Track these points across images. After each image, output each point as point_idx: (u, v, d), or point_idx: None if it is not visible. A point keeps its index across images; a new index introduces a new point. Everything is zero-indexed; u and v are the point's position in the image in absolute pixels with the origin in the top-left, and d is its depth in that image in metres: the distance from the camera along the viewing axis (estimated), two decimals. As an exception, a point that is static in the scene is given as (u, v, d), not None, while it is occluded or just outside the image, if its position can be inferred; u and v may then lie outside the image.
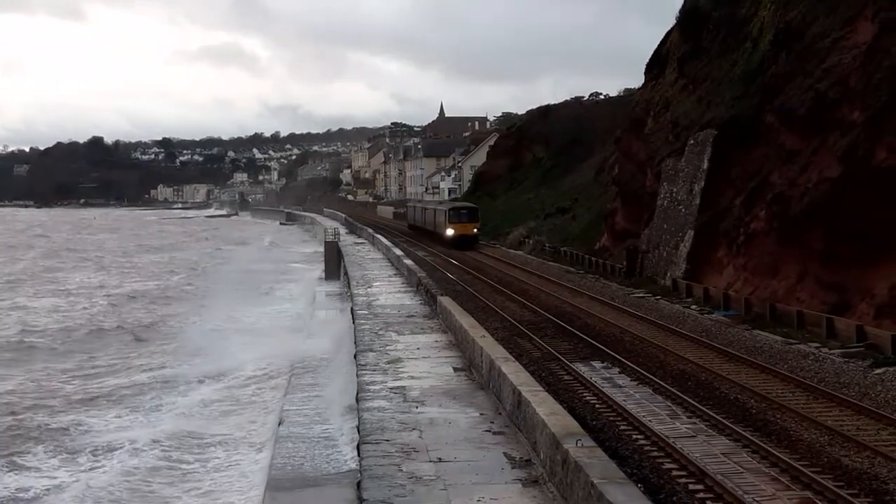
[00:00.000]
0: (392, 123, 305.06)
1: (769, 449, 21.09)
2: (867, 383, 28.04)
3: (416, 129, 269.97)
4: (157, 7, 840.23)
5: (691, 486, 19.07)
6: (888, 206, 35.41)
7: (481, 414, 23.63)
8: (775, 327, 37.42)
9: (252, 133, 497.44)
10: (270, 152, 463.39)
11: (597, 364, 31.87)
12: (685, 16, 61.32)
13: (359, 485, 18.70)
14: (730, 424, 23.27)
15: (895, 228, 35.16)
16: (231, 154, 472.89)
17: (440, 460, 19.57)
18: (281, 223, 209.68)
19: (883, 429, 23.16)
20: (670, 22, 65.44)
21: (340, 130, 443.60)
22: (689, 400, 25.92)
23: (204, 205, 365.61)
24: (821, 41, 42.08)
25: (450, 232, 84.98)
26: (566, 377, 29.94)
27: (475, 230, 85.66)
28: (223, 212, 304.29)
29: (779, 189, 41.86)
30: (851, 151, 36.94)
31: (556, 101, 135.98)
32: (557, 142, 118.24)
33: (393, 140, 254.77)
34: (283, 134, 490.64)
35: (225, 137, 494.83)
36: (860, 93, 37.33)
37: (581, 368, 30.81)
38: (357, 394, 26.58)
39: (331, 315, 51.29)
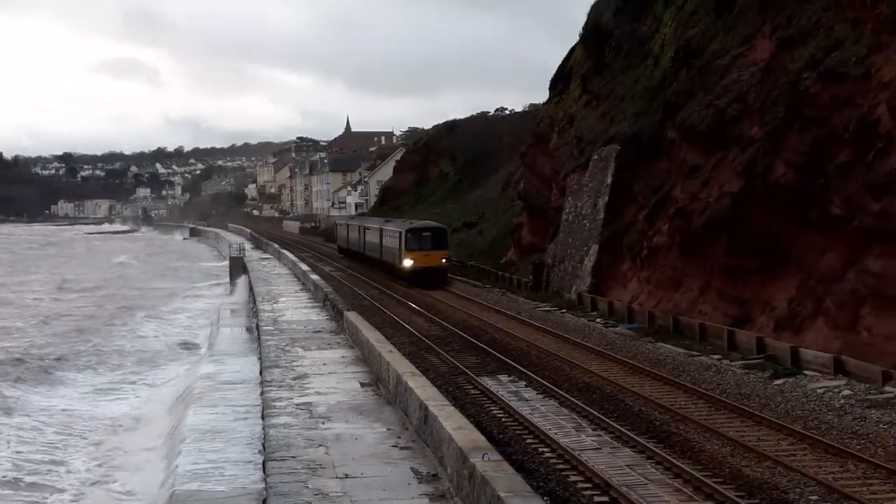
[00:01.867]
0: (298, 138, 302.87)
1: (672, 460, 21.36)
2: (767, 394, 28.55)
3: (321, 143, 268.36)
4: (55, 18, 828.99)
5: (597, 499, 19.25)
6: (787, 220, 36.14)
7: (388, 429, 23.57)
8: (678, 340, 37.94)
9: (155, 148, 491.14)
10: (174, 167, 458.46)
11: (503, 378, 32.03)
12: (588, 32, 62.09)
13: (264, 502, 18.54)
14: (634, 436, 23.52)
15: (794, 242, 35.88)
16: (134, 169, 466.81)
17: (347, 476, 19.47)
18: (185, 238, 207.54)
19: (783, 439, 23.60)
20: (574, 38, 66.26)
21: (245, 145, 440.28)
22: (595, 412, 26.17)
23: (106, 220, 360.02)
24: (720, 58, 42.87)
25: (407, 263, 63.55)
26: (473, 391, 30.06)
27: (443, 260, 63.94)
28: (126, 227, 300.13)
29: (681, 203, 42.50)
30: (751, 166, 37.63)
31: (463, 116, 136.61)
32: (464, 156, 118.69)
33: (299, 155, 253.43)
34: (187, 148, 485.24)
35: (127, 152, 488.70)
36: (758, 109, 38.07)
37: (488, 382, 30.94)
38: (263, 410, 26.36)
39: (235, 332, 50.76)
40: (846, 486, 19.52)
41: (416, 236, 64.07)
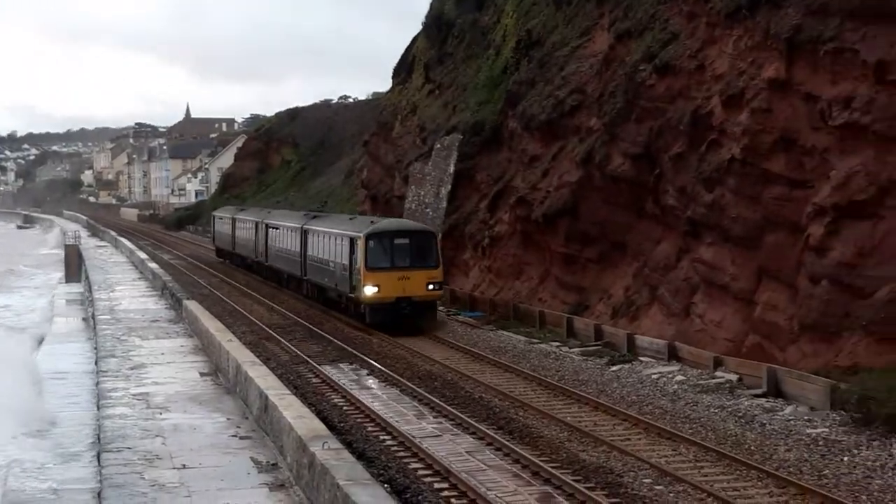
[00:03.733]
0: (136, 124, 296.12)
1: (511, 446, 21.62)
2: (604, 380, 29.13)
3: (161, 129, 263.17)
4: None
5: (437, 485, 19.34)
6: (624, 210, 36.93)
7: (228, 419, 23.31)
8: (519, 327, 38.42)
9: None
10: (7, 152, 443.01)
11: (345, 366, 31.99)
12: (431, 21, 62.27)
13: (99, 494, 18.13)
14: (474, 423, 23.74)
15: (630, 231, 36.70)
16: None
17: (184, 467, 19.18)
18: (19, 226, 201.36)
19: (618, 424, 24.11)
20: (417, 27, 66.38)
21: (82, 130, 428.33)
22: (436, 400, 26.33)
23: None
24: (560, 49, 43.52)
25: (369, 291, 38.73)
26: (314, 380, 29.96)
27: (430, 286, 39.18)
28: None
29: (522, 193, 43.00)
30: (589, 157, 38.30)
31: (305, 104, 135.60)
32: (306, 144, 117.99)
33: (137, 141, 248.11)
34: (21, 133, 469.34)
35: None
36: (597, 100, 38.76)
37: (330, 371, 30.87)
38: (98, 401, 25.79)
39: (70, 322, 49.49)
40: (678, 469, 20.04)
41: (385, 245, 39.55)
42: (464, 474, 19.61)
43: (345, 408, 26.20)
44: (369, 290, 38.65)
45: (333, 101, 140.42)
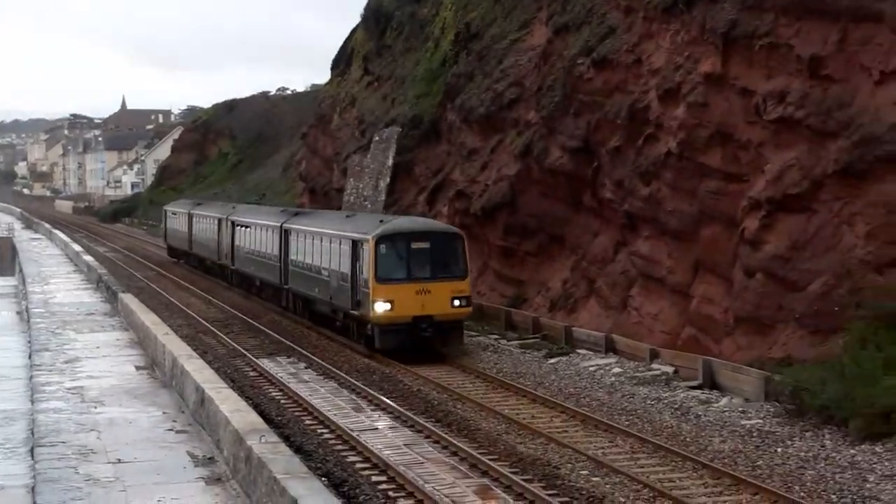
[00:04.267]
0: (71, 115, 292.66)
1: (450, 439, 21.65)
2: (542, 373, 29.25)
3: (96, 121, 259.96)
4: None
5: (374, 478, 19.33)
6: (561, 203, 37.10)
7: (164, 413, 23.08)
8: (458, 320, 38.39)
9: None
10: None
11: (283, 360, 31.88)
12: (369, 13, 62.22)
13: (33, 489, 17.89)
14: (413, 416, 23.75)
15: (569, 224, 36.86)
16: None
17: (120, 461, 18.96)
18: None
19: (556, 416, 24.23)
20: (356, 18, 66.29)
21: (15, 122, 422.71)
22: (374, 393, 26.32)
23: None
24: (499, 42, 43.61)
25: (380, 307, 31.44)
26: (252, 373, 29.84)
27: (457, 301, 32.05)
28: None
29: (460, 186, 43.06)
30: (528, 150, 38.42)
31: (243, 95, 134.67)
32: (244, 136, 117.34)
33: (72, 132, 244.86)
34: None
35: None
36: (535, 93, 38.87)
37: (267, 364, 30.75)
38: (31, 395, 25.44)
39: (4, 316, 48.79)
40: (615, 461, 20.18)
41: (400, 250, 32.30)
42: (402, 467, 19.61)
43: (282, 401, 26.13)
44: (380, 308, 31.31)
45: (272, 93, 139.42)
